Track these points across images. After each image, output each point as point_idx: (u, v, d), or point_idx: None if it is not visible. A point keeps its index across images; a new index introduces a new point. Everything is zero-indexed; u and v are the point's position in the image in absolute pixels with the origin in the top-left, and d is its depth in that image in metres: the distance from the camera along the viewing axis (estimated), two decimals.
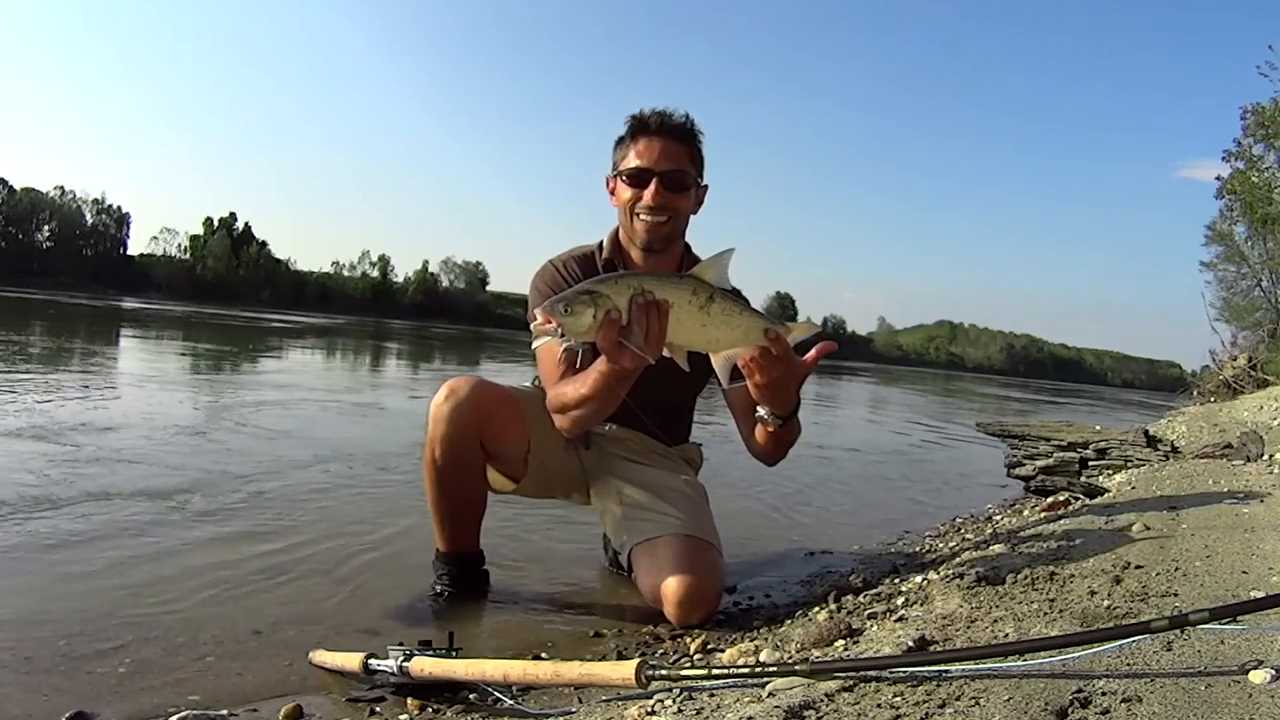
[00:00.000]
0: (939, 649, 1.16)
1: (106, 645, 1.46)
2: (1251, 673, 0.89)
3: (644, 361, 1.33)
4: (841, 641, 1.33)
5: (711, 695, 1.05)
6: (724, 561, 1.78)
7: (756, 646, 1.42)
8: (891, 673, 1.00)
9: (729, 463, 3.43)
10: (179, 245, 74.97)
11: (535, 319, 1.44)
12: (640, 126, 1.78)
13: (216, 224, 73.50)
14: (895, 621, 1.39)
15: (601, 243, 1.89)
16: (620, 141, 1.82)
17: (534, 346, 1.71)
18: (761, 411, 1.61)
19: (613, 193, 1.84)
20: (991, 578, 1.55)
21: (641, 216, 1.76)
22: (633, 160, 1.77)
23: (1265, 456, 2.95)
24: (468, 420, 1.71)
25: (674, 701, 1.05)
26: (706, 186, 1.86)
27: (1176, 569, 1.42)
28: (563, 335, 1.29)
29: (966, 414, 11.40)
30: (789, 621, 1.64)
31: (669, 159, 1.75)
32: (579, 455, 1.89)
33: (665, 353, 1.34)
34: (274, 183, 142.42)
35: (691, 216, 1.85)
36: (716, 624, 1.68)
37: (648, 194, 1.75)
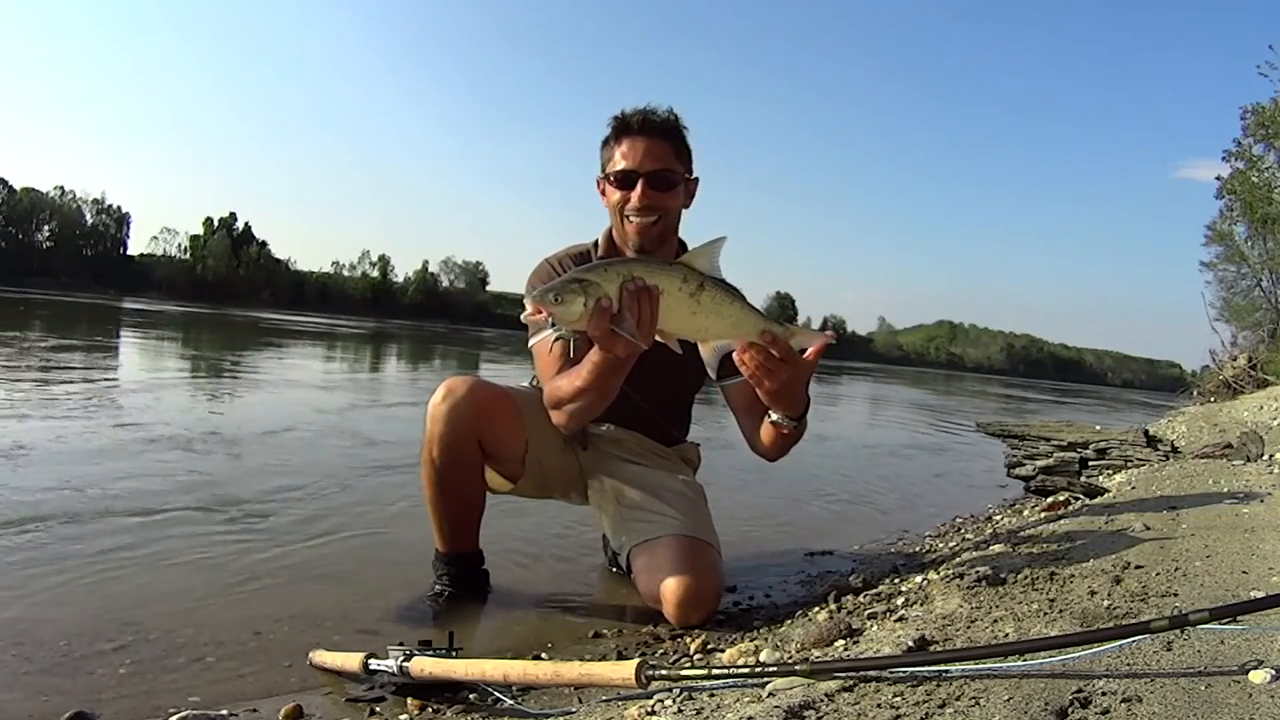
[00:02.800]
0: (939, 649, 1.15)
1: (106, 645, 1.46)
2: (1251, 673, 0.89)
3: (637, 349, 1.32)
4: (841, 641, 1.33)
5: (711, 695, 1.05)
6: (723, 561, 1.78)
7: (756, 646, 1.42)
8: (891, 673, 1.00)
9: (728, 462, 3.43)
10: (179, 245, 75.11)
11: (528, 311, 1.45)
12: (622, 127, 1.76)
13: (216, 224, 73.52)
14: (895, 621, 1.39)
15: (596, 241, 1.88)
16: (605, 143, 1.80)
17: (531, 344, 1.73)
18: (774, 416, 1.60)
19: (603, 194, 1.82)
20: (991, 578, 1.55)
21: (631, 218, 1.75)
22: (618, 162, 1.75)
23: (1265, 456, 2.95)
24: (465, 420, 1.70)
25: (674, 701, 1.05)
26: (697, 180, 1.84)
27: (1176, 569, 1.42)
28: (554, 325, 1.28)
29: (966, 414, 11.40)
30: (789, 621, 1.64)
31: (654, 158, 1.73)
32: (577, 456, 1.89)
33: (657, 338, 1.32)
34: (274, 183, 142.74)
35: (685, 211, 1.84)
36: (716, 624, 1.68)
37: (635, 195, 1.73)
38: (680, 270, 1.30)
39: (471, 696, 1.27)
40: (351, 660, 1.32)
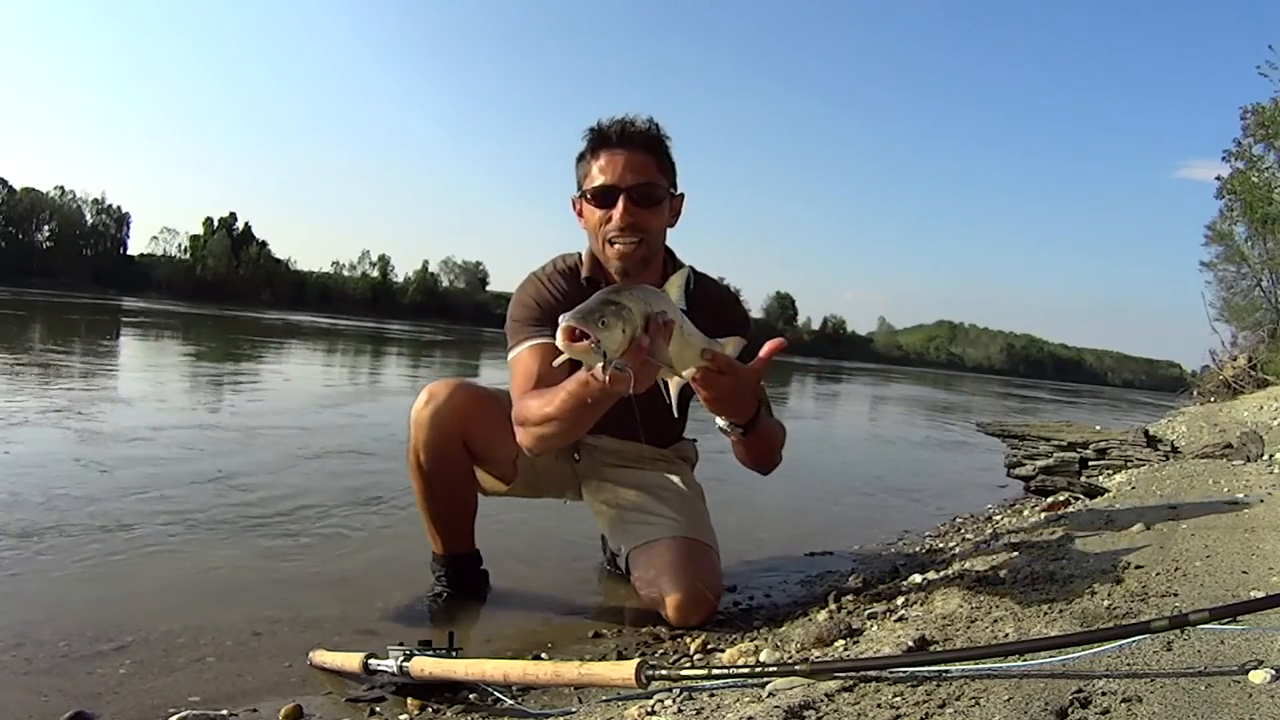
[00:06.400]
0: (939, 649, 1.16)
1: (106, 645, 1.46)
2: (1251, 673, 0.89)
3: (650, 381, 1.23)
4: (841, 641, 1.33)
5: (711, 695, 1.05)
6: (721, 562, 1.77)
7: (756, 646, 1.42)
8: (891, 673, 1.00)
9: (728, 462, 3.43)
10: (179, 245, 74.91)
11: (517, 324, 1.52)
12: (600, 139, 1.64)
13: (216, 224, 73.34)
14: (895, 621, 1.39)
15: (581, 255, 1.76)
16: (581, 158, 1.68)
17: (510, 356, 1.67)
18: (721, 423, 1.52)
19: (580, 215, 1.70)
20: (991, 578, 1.55)
21: (613, 241, 1.63)
22: (596, 177, 1.62)
23: (1265, 456, 2.95)
24: (450, 424, 1.69)
25: (674, 701, 1.05)
26: (682, 196, 1.72)
27: (1176, 569, 1.42)
28: (605, 355, 1.15)
29: (966, 414, 11.40)
30: (789, 621, 1.64)
31: (635, 171, 1.61)
32: (572, 463, 1.87)
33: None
34: (274, 183, 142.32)
35: (670, 230, 1.72)
36: (716, 624, 1.67)
37: (616, 214, 1.60)
38: (669, 299, 1.26)
39: (471, 696, 1.27)
40: (351, 660, 1.32)
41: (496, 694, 1.23)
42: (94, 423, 3.88)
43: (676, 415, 1.36)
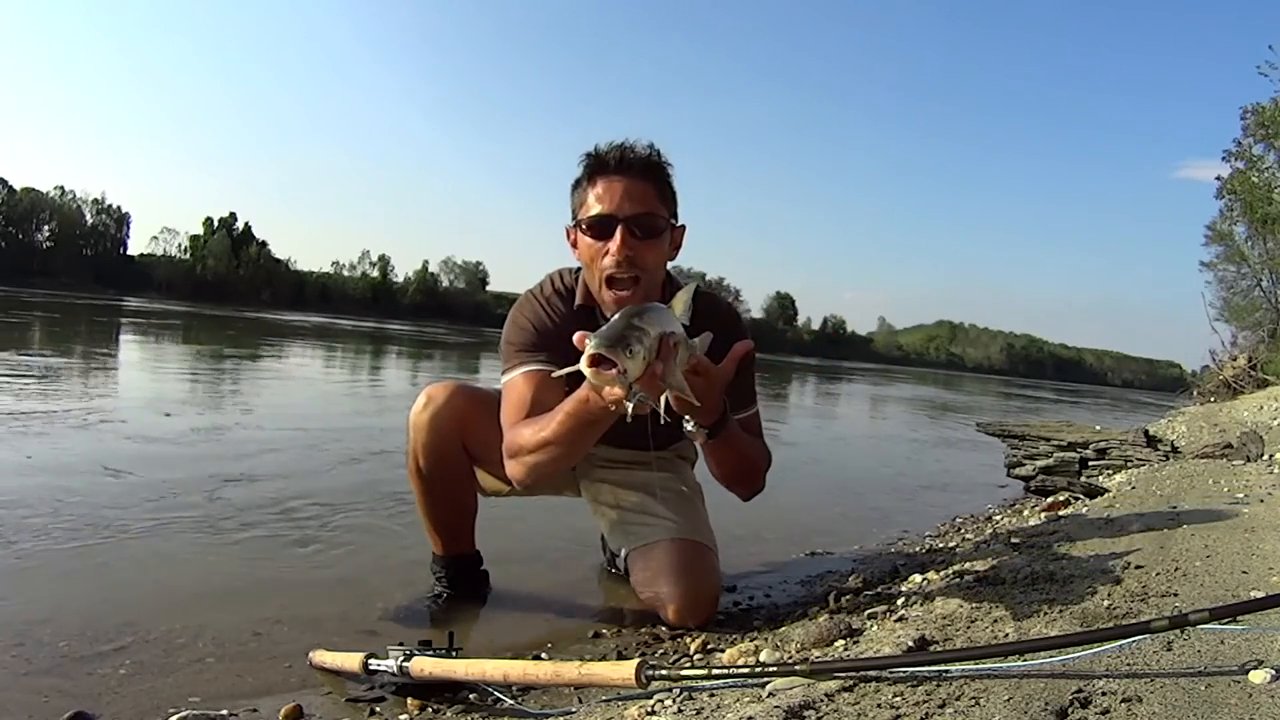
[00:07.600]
0: (939, 649, 1.16)
1: (106, 646, 1.46)
2: (1251, 673, 0.89)
3: (655, 399, 1.22)
4: (841, 641, 1.33)
5: (711, 695, 1.05)
6: (721, 562, 1.77)
7: (756, 646, 1.42)
8: (891, 673, 1.00)
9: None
10: (179, 245, 74.94)
11: (512, 347, 1.52)
12: (597, 166, 1.56)
13: (216, 224, 73.38)
14: (895, 621, 1.39)
15: (578, 276, 1.69)
16: (577, 185, 1.60)
17: (503, 380, 1.63)
18: (688, 425, 1.48)
19: (574, 246, 1.62)
20: (991, 578, 1.55)
21: (610, 280, 1.54)
22: (593, 206, 1.54)
23: (1265, 456, 2.96)
24: (448, 427, 1.69)
25: (674, 701, 1.05)
26: (683, 228, 1.65)
27: (1176, 569, 1.42)
28: (630, 386, 1.13)
29: (969, 414, 11.39)
30: (789, 621, 1.64)
31: (634, 200, 1.53)
32: (570, 467, 1.84)
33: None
34: (274, 183, 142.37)
35: (669, 263, 1.65)
36: (716, 624, 1.68)
37: (613, 245, 1.51)
38: (676, 319, 1.25)
39: (471, 696, 1.28)
40: (351, 660, 1.33)
41: (496, 694, 1.23)
42: (118, 424, 3.87)
43: (662, 424, 1.35)
